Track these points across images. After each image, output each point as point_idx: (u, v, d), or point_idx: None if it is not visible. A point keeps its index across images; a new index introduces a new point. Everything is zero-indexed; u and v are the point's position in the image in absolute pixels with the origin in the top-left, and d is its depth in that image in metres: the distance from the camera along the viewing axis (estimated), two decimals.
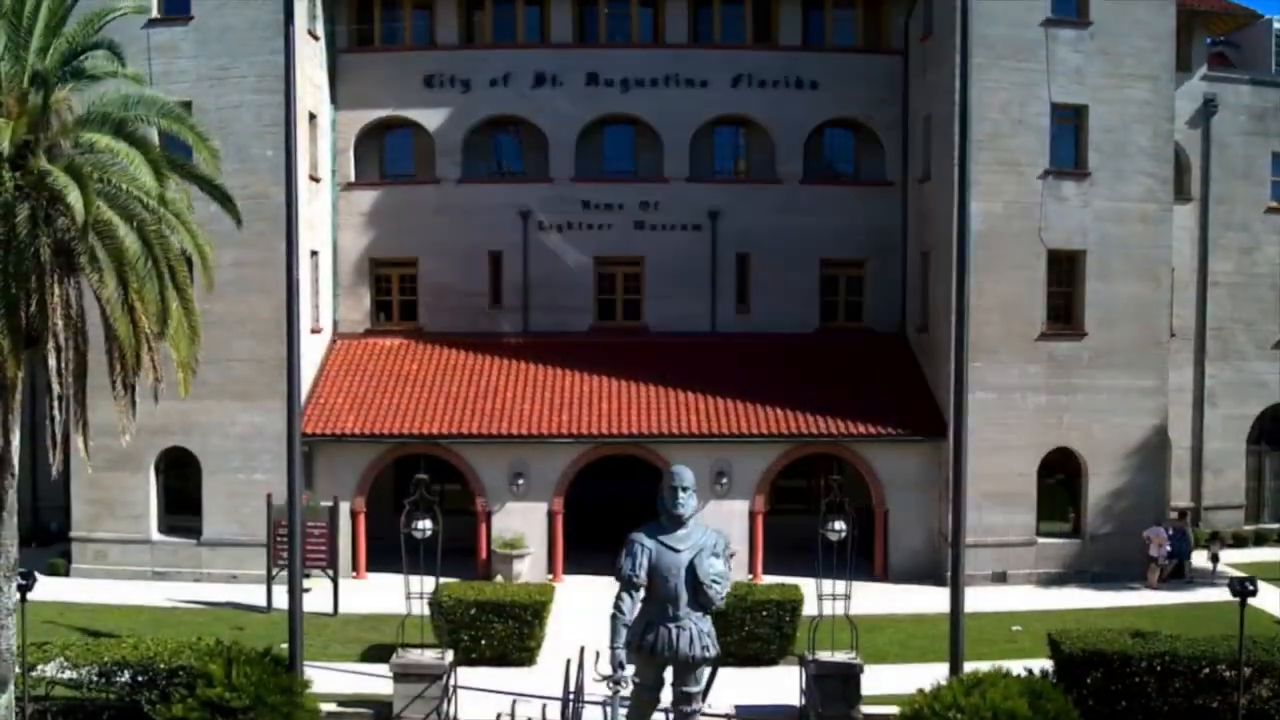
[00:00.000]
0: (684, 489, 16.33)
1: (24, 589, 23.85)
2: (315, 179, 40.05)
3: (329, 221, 41.77)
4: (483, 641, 29.37)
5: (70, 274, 22.63)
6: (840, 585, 27.11)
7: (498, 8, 43.13)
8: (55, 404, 22.19)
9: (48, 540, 41.74)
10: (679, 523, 16.32)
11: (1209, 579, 39.17)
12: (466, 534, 37.99)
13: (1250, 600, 34.71)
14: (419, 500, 26.71)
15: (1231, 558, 41.09)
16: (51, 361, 21.96)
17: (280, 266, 35.48)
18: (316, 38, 40.42)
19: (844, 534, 27.51)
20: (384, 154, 43.51)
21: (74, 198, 20.50)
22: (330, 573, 34.64)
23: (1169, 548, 38.58)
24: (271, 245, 36.36)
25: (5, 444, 22.42)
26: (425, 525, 26.70)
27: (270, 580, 34.66)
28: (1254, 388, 45.24)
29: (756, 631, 29.82)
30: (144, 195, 22.25)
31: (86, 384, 23.21)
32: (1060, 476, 39.26)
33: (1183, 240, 42.94)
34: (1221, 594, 36.52)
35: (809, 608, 30.01)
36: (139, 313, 22.17)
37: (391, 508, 40.44)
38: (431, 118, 42.31)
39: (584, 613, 33.47)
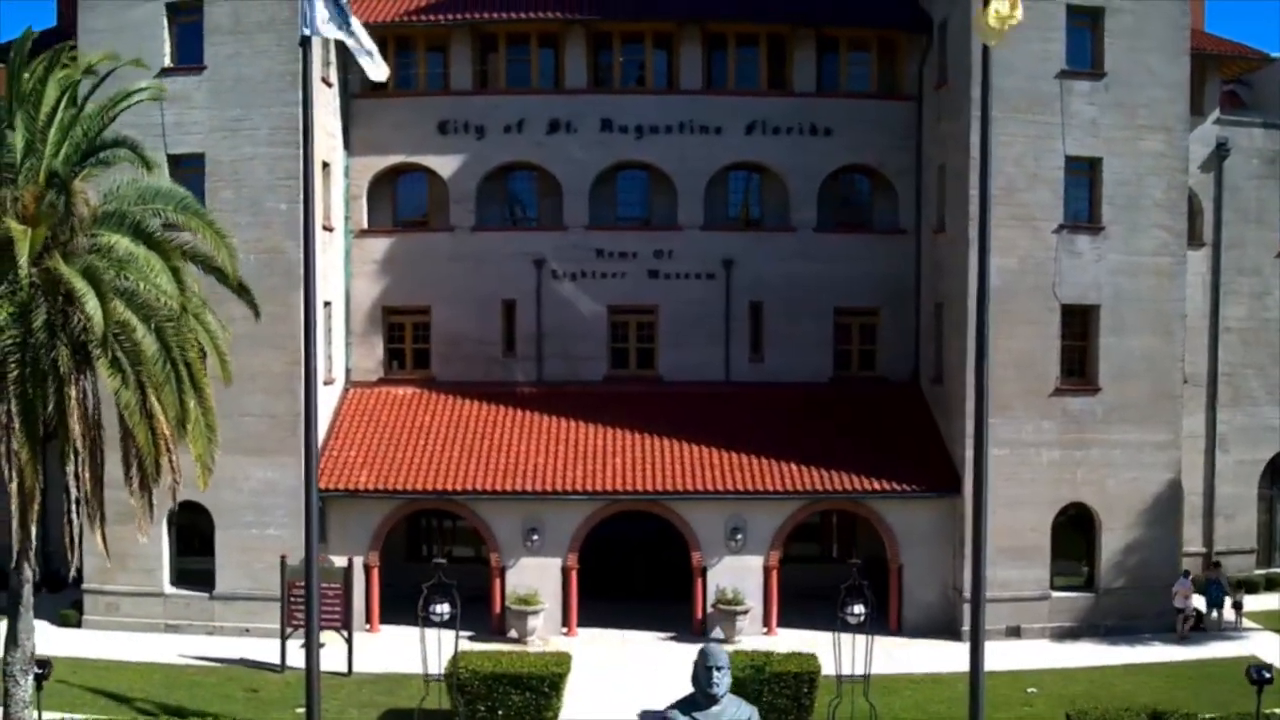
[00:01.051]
0: (718, 668, 16.23)
1: (40, 678, 23.95)
2: (328, 229, 39.96)
3: (342, 270, 41.66)
4: (500, 712, 29.30)
5: (87, 366, 22.59)
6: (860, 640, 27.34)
7: (512, 51, 43.00)
8: (74, 507, 22.21)
9: (58, 586, 41.68)
10: (713, 700, 16.25)
11: (1230, 630, 39.51)
12: (480, 580, 38.06)
13: (1260, 655, 35.16)
14: (437, 584, 26.75)
15: (1247, 604, 41.08)
16: (69, 467, 22.00)
17: (293, 320, 35.91)
18: (330, 84, 40.33)
19: (863, 618, 27.57)
20: (397, 200, 43.37)
21: (92, 307, 20.47)
22: (345, 634, 34.55)
23: (1194, 601, 38.88)
24: (285, 299, 36.55)
25: (25, 544, 22.43)
26: (443, 610, 26.77)
27: (284, 640, 34.64)
28: (1265, 432, 45.35)
29: (775, 703, 29.62)
30: (163, 297, 22.16)
31: (104, 480, 23.22)
32: (1071, 512, 39.11)
33: (1195, 286, 42.87)
34: (1239, 648, 36.85)
35: (826, 667, 30.17)
36: (158, 418, 22.13)
37: (403, 555, 40.90)
38: (445, 164, 42.21)
39: (599, 673, 33.71)
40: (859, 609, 27.54)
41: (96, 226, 22.67)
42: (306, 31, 23.94)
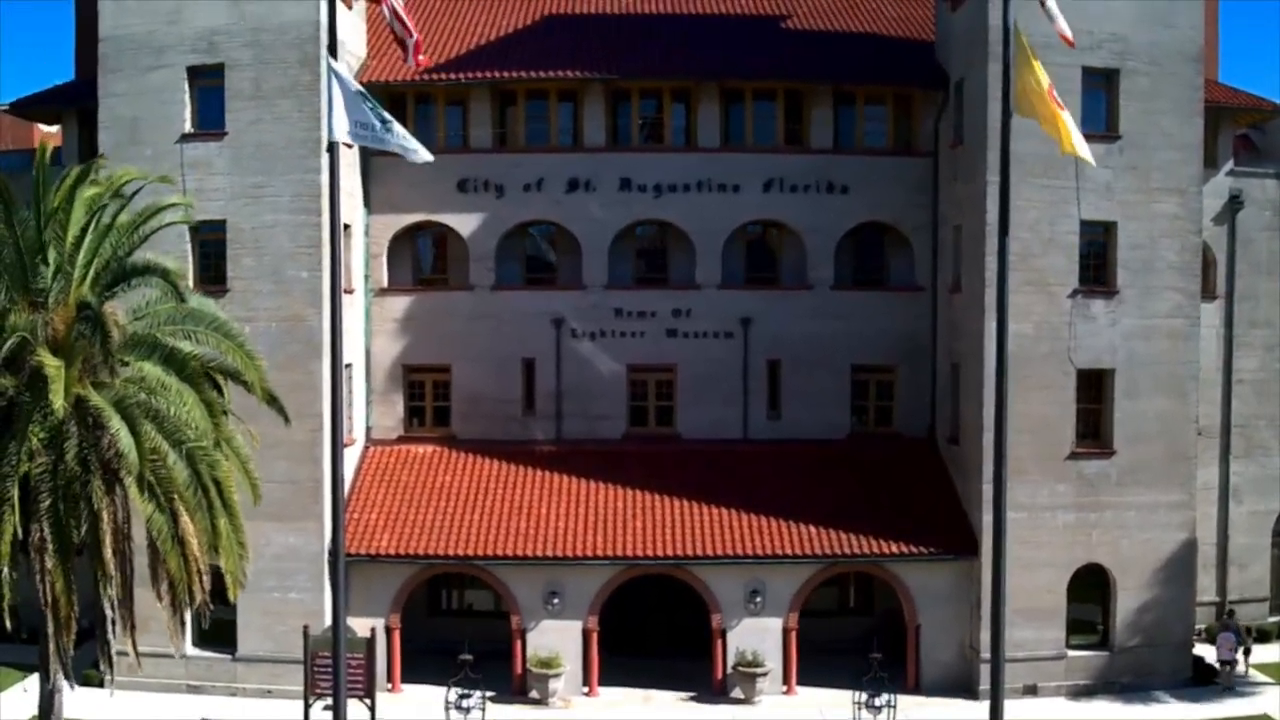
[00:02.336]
0: None
1: None
2: (349, 291, 40.03)
3: (362, 330, 41.85)
4: None
5: (118, 484, 22.86)
6: None
7: (531, 109, 43.11)
8: (109, 629, 22.52)
9: (79, 638, 41.84)
10: None
11: (1241, 681, 39.94)
12: (501, 634, 38.58)
13: (1273, 714, 35.57)
14: (464, 679, 27.17)
15: (1261, 655, 41.49)
16: (103, 589, 22.27)
17: (315, 388, 36.28)
18: (350, 145, 40.27)
19: (886, 705, 28.04)
20: (417, 258, 43.61)
21: (126, 444, 20.74)
22: (368, 702, 34.81)
23: (1235, 652, 39.73)
24: (307, 367, 36.98)
25: (61, 661, 22.77)
26: (471, 703, 27.19)
27: (308, 708, 34.94)
28: (1277, 483, 45.46)
29: None
30: (195, 427, 22.44)
31: (134, 591, 23.46)
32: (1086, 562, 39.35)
33: (1208, 338, 42.93)
34: (1251, 705, 37.37)
35: None
36: (190, 545, 22.43)
37: (425, 609, 41.16)
38: (465, 222, 42.35)
39: None
40: (881, 700, 27.96)
41: (127, 352, 22.91)
42: (334, 138, 24.01)
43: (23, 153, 48.92)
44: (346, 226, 39.93)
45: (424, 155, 24.20)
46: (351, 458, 40.82)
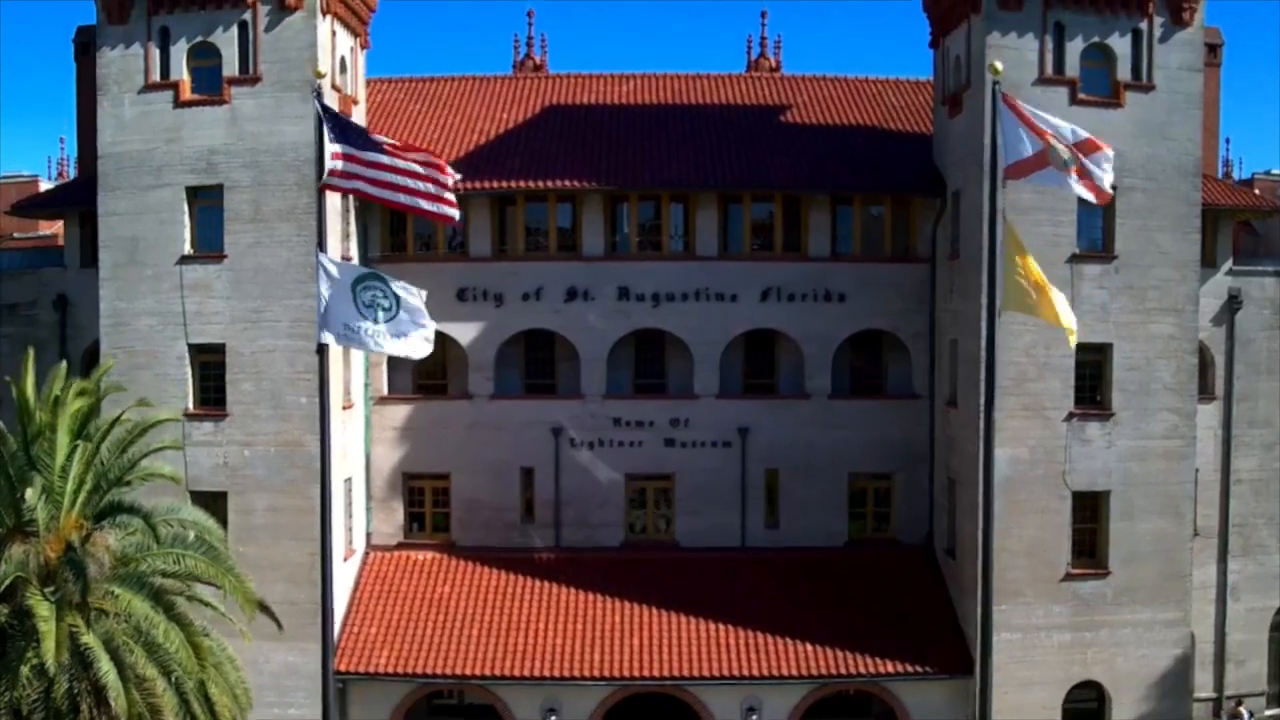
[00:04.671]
0: None
1: None
2: (347, 407, 40.28)
3: (362, 440, 42.10)
4: None
5: (110, 707, 23.16)
6: None
7: (530, 216, 43.20)
8: None
9: None
10: None
11: None
12: None
13: None
14: None
15: None
16: None
17: (314, 512, 36.24)
18: (350, 259, 40.64)
19: None
20: (417, 366, 43.67)
21: (115, 689, 21.04)
22: None
23: None
24: (304, 492, 37.20)
25: None
26: None
27: None
28: (1276, 580, 45.60)
29: None
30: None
31: None
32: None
33: (1206, 440, 43.16)
34: None
35: None
36: None
37: (424, 708, 41.46)
38: (464, 331, 42.39)
39: None
40: None
41: (116, 583, 23.11)
42: (323, 339, 24.17)
43: (27, 251, 49.18)
44: None
45: (416, 352, 24.51)
46: (351, 569, 41.10)
